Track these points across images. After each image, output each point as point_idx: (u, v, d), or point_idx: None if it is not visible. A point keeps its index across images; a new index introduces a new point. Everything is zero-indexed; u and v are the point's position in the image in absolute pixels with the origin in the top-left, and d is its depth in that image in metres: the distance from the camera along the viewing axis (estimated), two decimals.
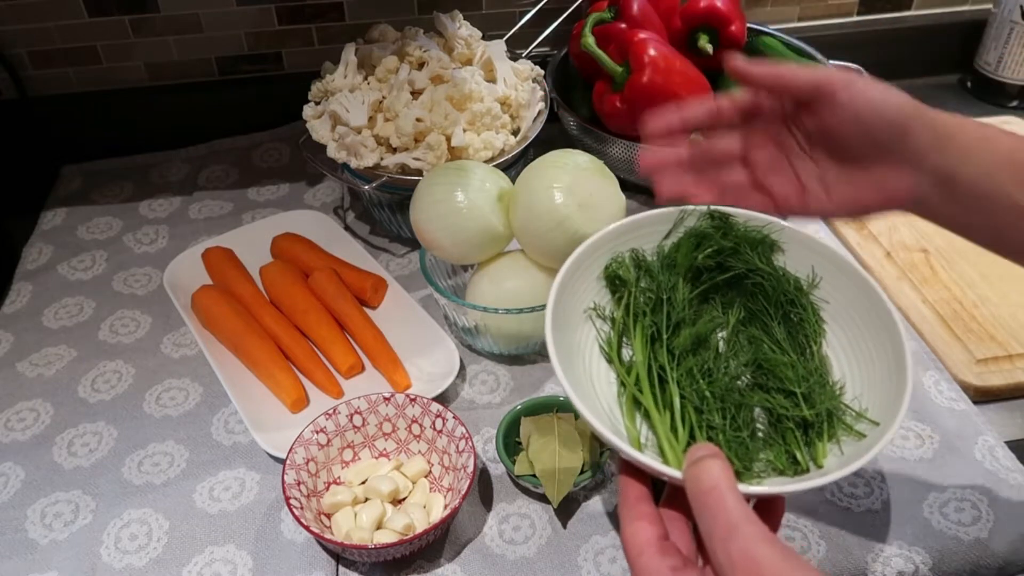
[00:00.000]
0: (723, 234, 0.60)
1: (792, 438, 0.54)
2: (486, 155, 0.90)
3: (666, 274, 0.59)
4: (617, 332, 0.59)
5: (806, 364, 0.57)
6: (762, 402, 0.55)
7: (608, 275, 0.62)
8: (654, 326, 0.57)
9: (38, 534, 0.70)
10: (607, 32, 0.97)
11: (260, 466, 0.75)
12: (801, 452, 0.54)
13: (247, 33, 1.13)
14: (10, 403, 0.82)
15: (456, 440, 0.70)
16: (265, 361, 0.81)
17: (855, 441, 0.54)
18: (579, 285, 0.59)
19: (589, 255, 0.60)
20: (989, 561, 0.67)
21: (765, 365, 0.57)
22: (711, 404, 0.54)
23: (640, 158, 0.60)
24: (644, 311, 0.57)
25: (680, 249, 0.60)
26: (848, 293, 0.59)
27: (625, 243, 0.61)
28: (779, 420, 0.55)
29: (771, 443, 0.55)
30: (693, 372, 0.55)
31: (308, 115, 0.94)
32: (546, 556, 0.68)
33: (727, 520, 0.46)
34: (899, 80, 1.28)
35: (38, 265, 0.98)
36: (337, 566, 0.68)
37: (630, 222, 0.61)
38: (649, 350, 0.57)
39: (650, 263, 0.60)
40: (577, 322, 0.59)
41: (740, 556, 0.45)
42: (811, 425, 0.55)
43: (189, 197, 1.08)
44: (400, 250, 0.99)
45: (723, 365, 0.56)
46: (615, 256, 0.61)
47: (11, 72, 1.10)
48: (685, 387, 0.55)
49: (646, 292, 0.58)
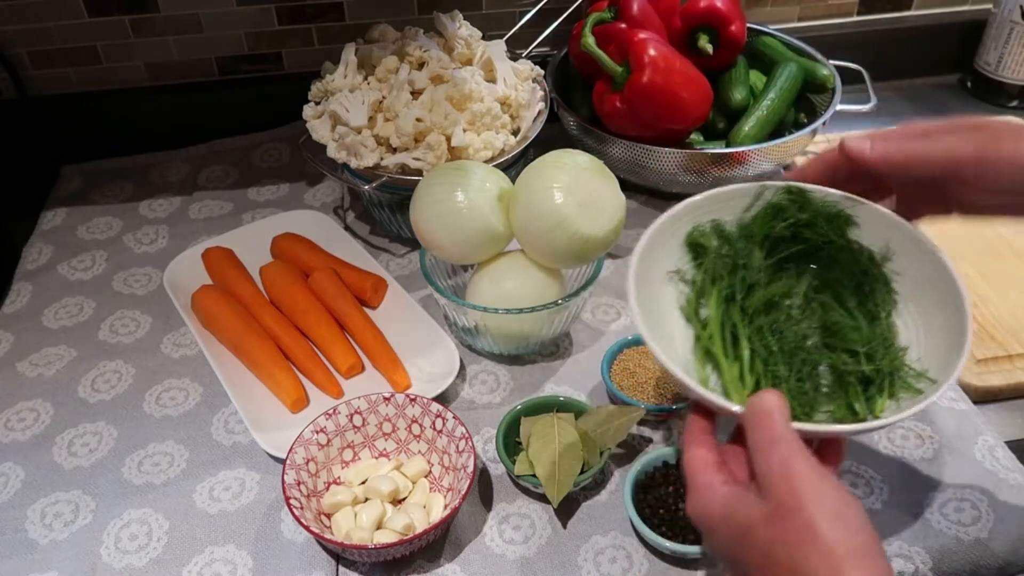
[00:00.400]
0: (800, 207, 0.62)
1: (853, 392, 0.58)
2: (486, 155, 0.90)
3: (743, 242, 0.62)
4: (696, 293, 0.63)
5: (873, 328, 0.60)
6: (826, 358, 0.59)
7: (689, 242, 0.65)
8: (730, 288, 0.61)
9: (38, 534, 0.70)
10: (607, 32, 0.97)
11: (260, 466, 0.75)
12: (861, 404, 0.57)
13: (247, 33, 1.13)
14: (10, 403, 0.82)
15: (456, 440, 0.70)
16: (265, 361, 0.81)
17: (912, 398, 0.56)
18: (661, 250, 0.63)
19: (672, 223, 0.64)
20: (989, 561, 0.67)
21: (832, 328, 0.60)
22: (777, 357, 0.58)
23: None
24: (722, 275, 0.61)
25: (757, 220, 0.63)
26: (922, 268, 0.61)
27: (706, 214, 0.64)
28: (841, 376, 0.59)
29: (833, 397, 0.58)
30: (763, 330, 0.59)
31: (308, 115, 0.94)
32: (546, 556, 0.68)
33: (771, 434, 0.50)
34: (899, 80, 1.30)
35: (38, 265, 0.98)
36: (337, 566, 0.68)
37: (711, 194, 0.64)
38: (724, 308, 0.61)
39: (729, 232, 0.64)
40: (658, 282, 0.63)
41: (778, 464, 0.49)
42: (872, 381, 0.58)
43: (189, 197, 1.08)
44: (400, 250, 0.99)
45: (792, 326, 0.59)
46: (697, 225, 0.65)
47: (11, 72, 1.10)
48: (755, 342, 0.59)
49: (724, 258, 0.62)
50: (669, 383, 0.78)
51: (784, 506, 0.48)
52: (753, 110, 0.99)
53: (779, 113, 1.00)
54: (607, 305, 0.91)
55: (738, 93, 1.01)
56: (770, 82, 1.02)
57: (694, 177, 0.97)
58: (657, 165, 0.96)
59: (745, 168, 0.96)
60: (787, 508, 0.48)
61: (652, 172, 0.98)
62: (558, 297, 0.80)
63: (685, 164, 0.95)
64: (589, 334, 0.87)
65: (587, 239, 0.76)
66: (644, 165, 0.97)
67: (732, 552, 0.51)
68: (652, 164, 0.96)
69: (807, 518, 0.47)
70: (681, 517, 0.67)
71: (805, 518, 0.47)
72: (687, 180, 0.97)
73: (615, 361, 0.80)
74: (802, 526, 0.47)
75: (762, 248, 0.62)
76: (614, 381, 0.78)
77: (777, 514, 0.48)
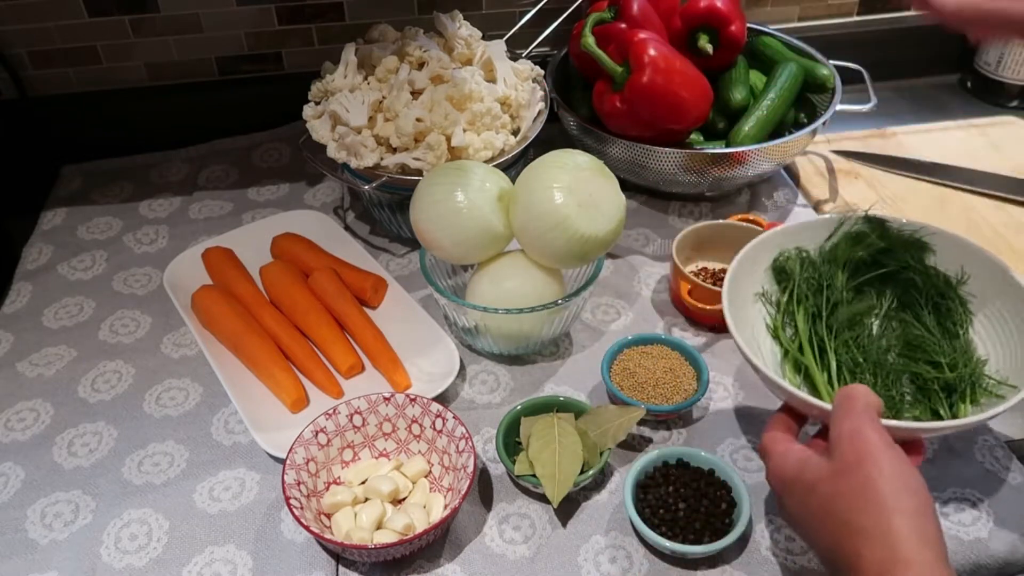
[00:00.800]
0: (879, 235, 0.69)
1: (936, 398, 0.63)
2: (486, 155, 0.90)
3: (827, 266, 0.68)
4: (781, 313, 0.69)
5: (952, 342, 0.65)
6: (910, 367, 0.63)
7: (775, 267, 0.71)
8: (815, 307, 0.67)
9: (38, 534, 0.70)
10: (607, 32, 0.97)
11: (260, 466, 0.75)
12: (944, 408, 0.62)
13: (247, 33, 1.13)
14: (10, 403, 0.82)
15: (456, 440, 0.70)
16: (265, 361, 0.81)
17: (995, 404, 0.60)
18: (748, 276, 0.69)
19: (759, 250, 0.70)
20: (989, 561, 0.67)
21: (914, 342, 0.65)
22: (864, 367, 0.63)
23: None
24: (807, 295, 0.67)
25: (839, 246, 0.69)
26: (995, 287, 0.67)
27: (791, 242, 0.71)
28: (925, 385, 0.63)
29: (917, 404, 0.63)
30: (848, 343, 0.64)
31: (308, 115, 0.94)
32: (546, 556, 0.68)
33: (852, 407, 0.54)
34: (899, 80, 1.30)
35: (38, 265, 0.98)
36: (337, 566, 0.68)
37: (796, 225, 0.71)
38: (810, 325, 0.67)
39: (813, 257, 0.70)
40: (747, 302, 0.69)
41: (848, 429, 0.53)
42: (955, 389, 0.62)
43: (189, 197, 1.08)
44: (400, 250, 0.99)
45: (876, 340, 0.64)
46: (782, 251, 0.71)
47: (11, 72, 1.10)
48: (842, 354, 0.64)
49: (809, 280, 0.68)
50: (677, 385, 0.78)
51: (847, 463, 0.51)
52: (753, 110, 0.99)
53: (779, 113, 1.00)
54: (607, 305, 0.91)
55: (738, 93, 1.01)
56: (770, 82, 1.02)
57: (694, 177, 0.97)
58: (657, 165, 0.96)
59: (745, 168, 0.96)
60: (849, 465, 0.51)
61: (652, 172, 0.98)
62: (558, 297, 0.80)
63: (685, 164, 0.95)
64: (589, 334, 0.87)
65: (587, 239, 0.76)
66: (644, 165, 0.97)
67: (799, 511, 0.55)
68: (652, 164, 0.96)
69: (865, 475, 0.50)
70: (681, 517, 0.67)
71: (863, 475, 0.50)
72: (687, 180, 0.97)
73: (615, 361, 0.80)
74: (861, 482, 0.50)
75: (844, 271, 0.68)
76: (614, 381, 0.78)
77: (840, 470, 0.51)
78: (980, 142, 1.14)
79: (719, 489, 0.69)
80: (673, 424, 0.78)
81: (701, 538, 0.66)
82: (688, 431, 0.77)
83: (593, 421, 0.72)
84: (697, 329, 0.88)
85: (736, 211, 1.03)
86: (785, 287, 0.70)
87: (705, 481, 0.69)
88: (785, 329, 0.68)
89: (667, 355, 0.80)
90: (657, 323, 0.89)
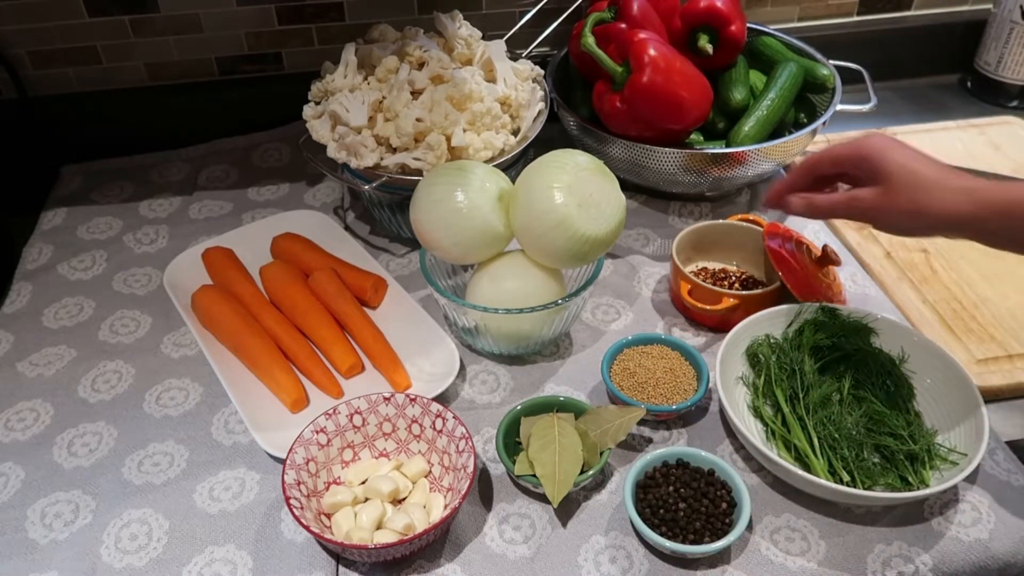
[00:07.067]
0: (833, 322, 0.79)
1: (904, 467, 0.70)
2: (486, 155, 0.90)
3: (795, 352, 0.78)
4: (760, 395, 0.77)
5: (906, 416, 0.74)
6: (879, 441, 0.72)
7: (749, 353, 0.80)
8: (791, 389, 0.76)
9: (38, 534, 0.70)
10: (607, 32, 0.97)
11: (260, 466, 0.75)
12: (912, 476, 0.70)
13: (247, 33, 1.13)
14: (10, 403, 0.82)
15: (456, 440, 0.70)
16: (265, 361, 0.81)
17: (948, 468, 0.70)
18: (731, 360, 0.78)
19: (738, 336, 0.79)
20: (989, 562, 0.67)
21: (875, 417, 0.74)
22: (839, 442, 0.71)
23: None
24: (781, 378, 0.77)
25: (803, 333, 0.79)
26: (931, 363, 0.77)
27: (760, 329, 0.80)
28: (892, 455, 0.71)
29: (887, 472, 0.71)
30: (823, 421, 0.73)
31: (308, 115, 0.94)
32: (546, 556, 0.68)
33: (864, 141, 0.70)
34: (899, 80, 1.30)
35: (38, 265, 0.98)
36: (337, 566, 0.68)
37: (763, 313, 0.80)
38: (789, 405, 0.75)
39: (782, 344, 0.79)
40: (731, 385, 0.78)
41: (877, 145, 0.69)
42: (916, 457, 0.71)
43: (189, 197, 1.08)
44: (400, 250, 0.99)
45: (845, 417, 0.73)
46: (754, 339, 0.80)
47: (11, 72, 1.10)
48: (820, 431, 0.72)
49: (782, 364, 0.77)
50: (672, 385, 0.78)
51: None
52: (753, 110, 0.99)
53: (779, 113, 1.00)
54: (607, 305, 0.91)
55: (738, 93, 1.01)
56: (770, 82, 1.02)
57: (694, 177, 0.97)
58: (657, 165, 0.96)
59: (745, 168, 0.96)
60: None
61: (652, 172, 0.98)
62: (558, 297, 0.80)
63: (685, 164, 0.95)
64: (589, 334, 0.87)
65: (587, 239, 0.76)
66: (644, 165, 0.97)
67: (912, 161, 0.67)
68: (652, 164, 0.96)
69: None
70: (681, 517, 0.67)
71: None
72: (687, 180, 0.97)
73: (615, 361, 0.80)
74: None
75: (810, 356, 0.78)
76: (614, 381, 0.78)
77: None
78: (980, 142, 1.14)
79: (719, 489, 0.69)
80: (673, 424, 0.78)
81: (701, 538, 0.66)
82: (688, 431, 0.77)
83: (593, 421, 0.72)
84: (697, 329, 0.88)
85: (736, 211, 1.03)
86: (759, 371, 0.78)
87: (705, 481, 0.69)
88: (765, 408, 0.77)
89: (667, 355, 0.80)
90: (657, 323, 0.89)
